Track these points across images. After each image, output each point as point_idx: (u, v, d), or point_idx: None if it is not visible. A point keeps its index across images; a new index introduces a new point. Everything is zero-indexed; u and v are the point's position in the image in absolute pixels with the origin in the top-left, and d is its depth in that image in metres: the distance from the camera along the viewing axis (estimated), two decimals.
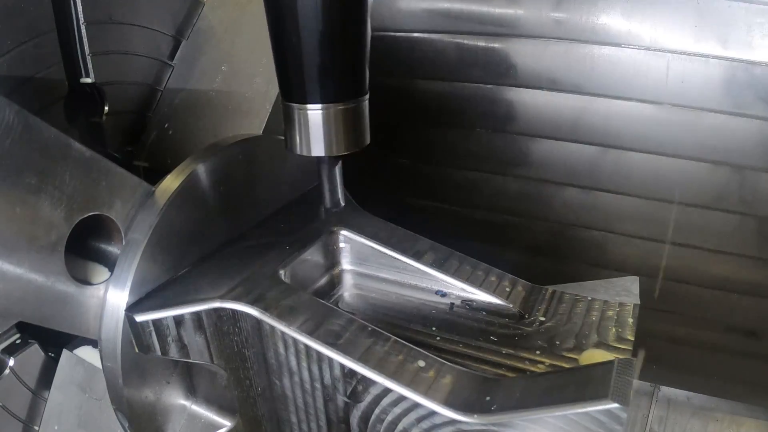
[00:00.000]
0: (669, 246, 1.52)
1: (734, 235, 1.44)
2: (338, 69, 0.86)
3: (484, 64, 1.52)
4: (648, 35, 1.36)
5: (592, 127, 1.48)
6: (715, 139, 1.37)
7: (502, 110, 1.55)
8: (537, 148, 1.56)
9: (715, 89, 1.33)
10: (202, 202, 0.96)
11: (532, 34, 1.45)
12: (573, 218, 1.59)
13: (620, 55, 1.39)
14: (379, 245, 1.05)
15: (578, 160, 1.53)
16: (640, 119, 1.42)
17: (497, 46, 1.50)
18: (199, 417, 1.01)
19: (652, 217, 1.51)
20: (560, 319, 0.96)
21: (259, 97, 1.19)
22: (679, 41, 1.33)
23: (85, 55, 1.10)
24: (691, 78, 1.35)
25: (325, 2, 0.81)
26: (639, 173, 1.48)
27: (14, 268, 0.78)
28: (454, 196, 1.71)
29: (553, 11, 1.41)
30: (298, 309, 0.86)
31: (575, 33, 1.41)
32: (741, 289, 1.49)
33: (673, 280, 1.54)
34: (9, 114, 0.72)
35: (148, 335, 0.86)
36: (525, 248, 1.68)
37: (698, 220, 1.46)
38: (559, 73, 1.46)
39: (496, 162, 1.62)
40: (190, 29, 1.28)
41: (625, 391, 0.68)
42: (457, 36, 1.52)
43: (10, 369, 0.88)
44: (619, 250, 1.58)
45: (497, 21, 1.47)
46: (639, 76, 1.39)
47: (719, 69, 1.32)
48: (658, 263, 1.54)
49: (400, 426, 0.80)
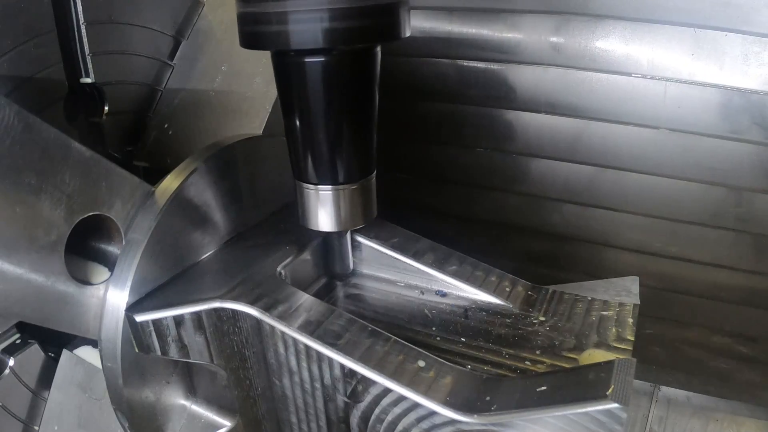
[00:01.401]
0: (665, 259, 1.53)
1: (730, 250, 1.46)
2: (348, 156, 0.92)
3: (484, 87, 1.54)
4: (646, 61, 1.37)
5: (591, 148, 1.50)
6: (711, 161, 1.39)
7: (501, 131, 1.58)
8: (536, 166, 1.58)
9: (712, 114, 1.35)
10: (202, 202, 0.96)
11: (532, 60, 1.47)
12: (571, 232, 1.61)
13: (618, 80, 1.41)
14: (380, 245, 1.05)
15: (576, 178, 1.55)
16: (638, 141, 1.44)
17: (497, 69, 1.52)
18: (199, 417, 1.01)
19: (649, 231, 1.53)
20: (560, 319, 0.96)
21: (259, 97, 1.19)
22: (676, 67, 1.35)
23: (85, 55, 1.10)
24: (688, 103, 1.36)
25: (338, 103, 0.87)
26: (636, 192, 1.50)
27: (14, 268, 0.78)
28: (453, 209, 1.73)
29: (553, 36, 1.43)
30: (298, 309, 0.86)
31: (574, 59, 1.43)
32: (737, 298, 1.50)
33: (671, 291, 1.56)
34: (9, 114, 0.72)
35: (148, 335, 0.86)
36: (522, 259, 1.70)
37: (695, 236, 1.48)
38: (557, 97, 1.48)
39: (495, 179, 1.64)
40: (190, 29, 1.28)
41: (625, 391, 0.68)
42: (457, 60, 1.54)
43: (10, 369, 0.88)
44: (615, 263, 1.60)
45: (497, 47, 1.49)
46: (637, 100, 1.41)
47: (716, 95, 1.33)
48: (654, 274, 1.55)
49: (400, 426, 0.80)
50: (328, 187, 0.93)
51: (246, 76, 1.21)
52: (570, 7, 1.40)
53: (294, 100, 0.88)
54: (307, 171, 0.93)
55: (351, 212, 0.96)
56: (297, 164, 0.94)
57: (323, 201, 0.94)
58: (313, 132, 0.89)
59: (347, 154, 0.92)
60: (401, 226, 1.12)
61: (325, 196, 0.94)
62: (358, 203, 0.96)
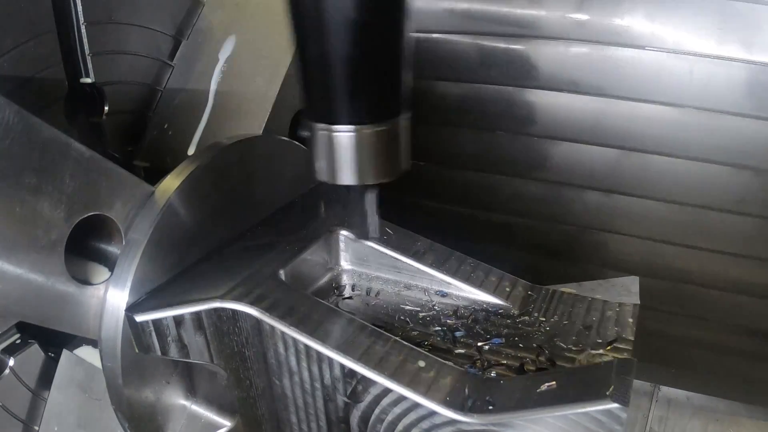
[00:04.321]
0: (690, 249, 1.49)
1: (756, 239, 1.42)
2: (372, 84, 0.74)
3: (504, 66, 1.50)
4: (671, 37, 1.33)
5: (614, 130, 1.46)
6: (738, 142, 1.35)
7: (522, 112, 1.53)
8: (557, 150, 1.54)
9: (739, 92, 1.31)
10: (202, 202, 0.96)
11: (554, 35, 1.42)
12: (593, 221, 1.57)
13: (643, 58, 1.37)
14: (379, 245, 1.05)
15: (599, 162, 1.50)
16: (662, 122, 1.40)
17: (518, 48, 1.47)
18: (199, 417, 1.01)
19: (673, 219, 1.49)
20: (560, 319, 0.96)
21: (259, 97, 1.19)
22: (702, 44, 1.31)
23: (85, 55, 1.10)
24: (714, 81, 1.32)
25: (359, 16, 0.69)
26: (660, 176, 1.46)
27: (14, 268, 0.78)
28: (471, 198, 1.69)
29: (575, 12, 1.39)
30: (298, 309, 0.86)
31: (597, 35, 1.39)
32: (757, 291, 1.47)
33: (691, 283, 1.52)
34: (9, 114, 0.72)
35: (148, 335, 0.86)
36: (543, 252, 1.67)
37: (719, 224, 1.44)
38: (580, 75, 1.44)
39: (515, 165, 1.59)
40: (190, 29, 1.28)
41: (625, 391, 0.68)
42: (477, 37, 1.50)
43: (10, 369, 0.88)
44: (634, 253, 1.56)
45: (518, 22, 1.45)
46: (662, 78, 1.36)
47: (743, 72, 1.29)
48: (676, 266, 1.52)
49: (400, 426, 0.80)
50: (347, 128, 0.74)
51: (246, 76, 1.21)
52: None
53: (307, 11, 0.70)
54: (319, 104, 0.75)
55: (374, 161, 0.76)
56: (307, 97, 0.76)
57: (341, 144, 0.75)
58: (328, 55, 0.71)
59: (371, 81, 0.73)
60: (412, 214, 1.06)
61: (343, 139, 0.75)
62: (384, 151, 0.77)
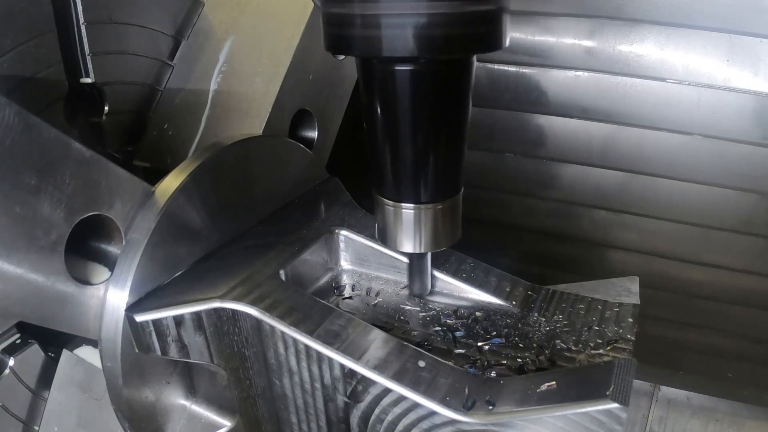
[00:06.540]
0: (696, 265, 1.52)
1: (761, 257, 1.45)
2: (435, 174, 0.84)
3: (515, 91, 1.52)
4: (681, 66, 1.36)
5: (622, 154, 1.49)
6: (745, 167, 1.38)
7: (531, 136, 1.56)
8: (566, 172, 1.57)
9: (746, 121, 1.34)
10: (202, 202, 0.96)
11: (564, 64, 1.45)
12: (600, 237, 1.60)
13: (652, 86, 1.39)
14: (379, 245, 1.05)
15: (607, 184, 1.53)
16: (670, 148, 1.43)
17: (528, 73, 1.50)
18: (199, 417, 1.01)
19: (680, 237, 1.51)
20: (560, 319, 0.96)
21: (259, 97, 1.19)
22: (711, 73, 1.34)
23: (85, 55, 1.10)
24: (722, 109, 1.35)
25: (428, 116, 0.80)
26: (667, 197, 1.49)
27: (14, 268, 0.78)
28: (480, 213, 1.71)
29: (586, 40, 1.41)
30: (298, 309, 0.86)
31: (607, 64, 1.42)
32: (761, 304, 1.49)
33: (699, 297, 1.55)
34: (9, 114, 0.72)
35: (148, 335, 0.86)
36: (551, 265, 1.69)
37: (725, 242, 1.47)
38: (590, 101, 1.46)
39: (525, 184, 1.63)
40: (190, 29, 1.28)
41: (625, 391, 0.68)
42: (488, 63, 1.52)
43: (10, 369, 0.88)
44: (641, 267, 1.59)
45: (529, 50, 1.47)
46: (671, 106, 1.39)
47: (750, 101, 1.32)
48: (681, 278, 1.54)
49: (400, 426, 0.80)
50: (411, 206, 0.86)
51: (246, 76, 1.21)
52: (604, 11, 1.38)
53: (380, 109, 0.82)
54: (389, 186, 0.86)
55: (434, 234, 0.88)
56: (379, 178, 0.87)
57: (405, 219, 0.87)
58: (399, 146, 0.82)
59: (434, 171, 0.84)
60: None
61: (407, 215, 0.87)
62: (442, 225, 0.88)
